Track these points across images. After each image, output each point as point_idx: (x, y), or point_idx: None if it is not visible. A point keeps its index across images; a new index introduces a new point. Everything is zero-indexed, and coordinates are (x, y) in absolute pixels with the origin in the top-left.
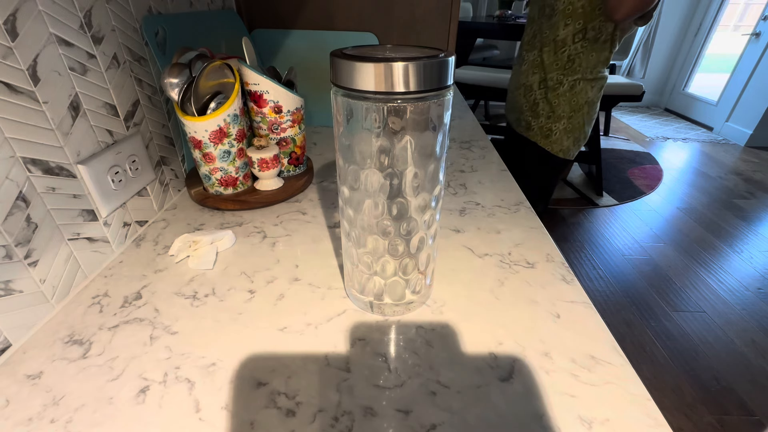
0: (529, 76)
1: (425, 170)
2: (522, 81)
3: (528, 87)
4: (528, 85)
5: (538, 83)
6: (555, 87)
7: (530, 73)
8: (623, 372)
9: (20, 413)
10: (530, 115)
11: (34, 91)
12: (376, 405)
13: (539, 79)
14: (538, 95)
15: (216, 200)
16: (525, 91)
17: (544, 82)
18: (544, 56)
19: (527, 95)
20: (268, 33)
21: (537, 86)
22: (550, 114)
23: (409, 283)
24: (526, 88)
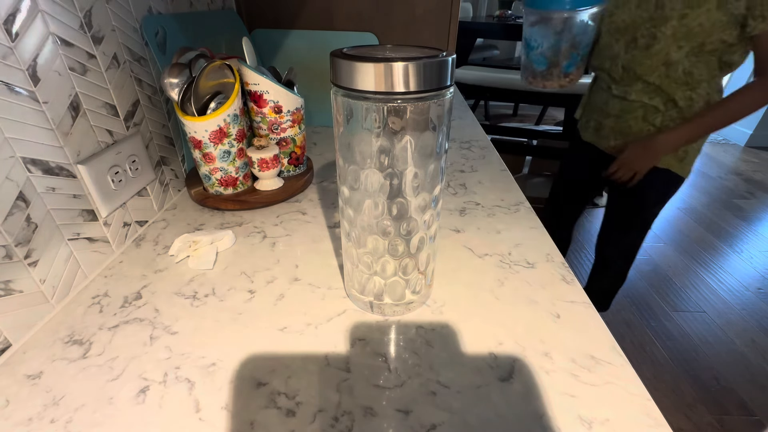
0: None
1: (425, 170)
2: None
3: (652, 108)
4: (652, 106)
5: (664, 103)
6: (689, 105)
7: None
8: (623, 372)
9: (20, 413)
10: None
11: (34, 91)
12: (376, 405)
13: (664, 99)
14: (668, 117)
15: (216, 200)
16: (646, 114)
17: (671, 102)
18: (656, 81)
19: (651, 118)
20: (268, 33)
21: (664, 107)
22: None
23: (409, 283)
24: (648, 110)
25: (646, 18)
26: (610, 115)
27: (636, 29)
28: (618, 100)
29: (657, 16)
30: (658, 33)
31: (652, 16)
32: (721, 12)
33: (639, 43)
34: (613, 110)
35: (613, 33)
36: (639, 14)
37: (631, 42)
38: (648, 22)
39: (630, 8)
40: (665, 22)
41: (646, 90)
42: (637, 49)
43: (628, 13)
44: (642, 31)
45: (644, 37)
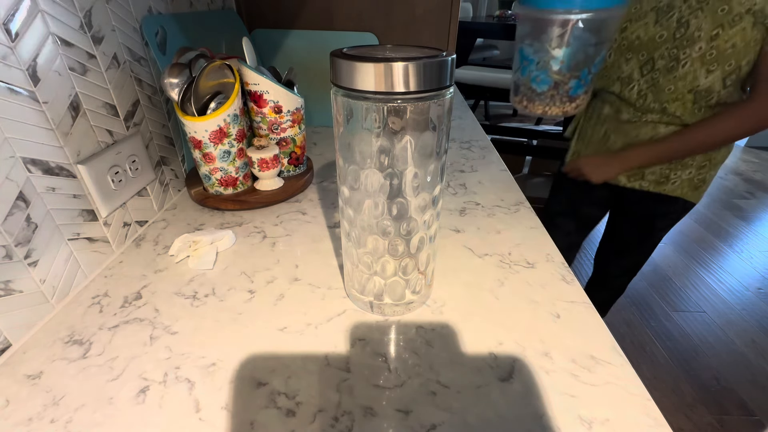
0: (660, 128)
1: (425, 170)
2: (650, 135)
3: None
4: (666, 135)
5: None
6: None
7: (663, 128)
8: (623, 372)
9: (20, 413)
10: (670, 168)
11: (34, 91)
12: (376, 405)
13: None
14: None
15: (216, 200)
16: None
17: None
18: (677, 111)
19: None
20: (268, 33)
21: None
22: (705, 163)
23: (409, 283)
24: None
25: (667, 38)
26: (615, 147)
27: (653, 49)
28: (628, 130)
29: (680, 36)
30: (682, 55)
31: (675, 36)
32: (757, 29)
33: (658, 65)
34: (618, 141)
35: (623, 51)
36: (657, 32)
37: (646, 63)
38: (669, 43)
39: (646, 24)
40: (692, 44)
41: (663, 121)
42: (655, 72)
43: (643, 30)
44: (661, 52)
45: (664, 58)
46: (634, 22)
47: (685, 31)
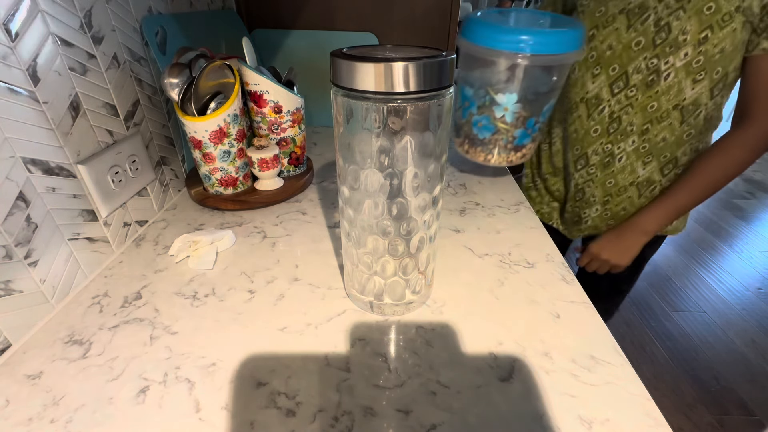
0: (638, 169)
1: (425, 170)
2: (627, 181)
3: (645, 182)
4: (643, 181)
5: (659, 170)
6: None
7: (640, 162)
8: (623, 372)
9: (20, 413)
10: None
11: (34, 91)
12: (376, 405)
13: (661, 163)
14: (666, 182)
15: (216, 200)
16: (641, 190)
17: (673, 162)
18: (663, 134)
19: (647, 191)
20: (268, 33)
21: (660, 174)
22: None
23: (409, 283)
24: (642, 186)
25: (645, 45)
26: (596, 200)
27: (628, 60)
28: (595, 167)
29: (662, 42)
30: (663, 65)
31: (654, 42)
32: (746, 30)
33: (633, 80)
34: (598, 193)
35: (590, 65)
36: (633, 38)
37: (618, 79)
38: (647, 51)
39: (617, 30)
40: (676, 50)
41: (641, 152)
42: (631, 89)
43: (615, 37)
44: (638, 64)
45: (641, 72)
46: (602, 28)
47: (666, 36)
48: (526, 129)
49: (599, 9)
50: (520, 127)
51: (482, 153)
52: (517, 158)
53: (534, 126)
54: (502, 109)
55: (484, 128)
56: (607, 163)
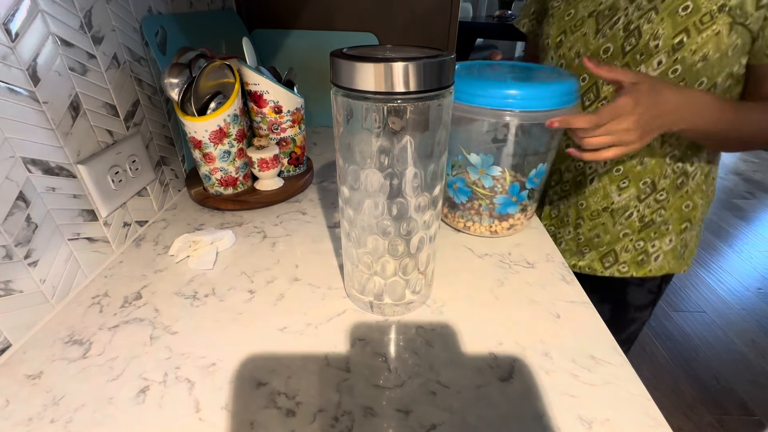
0: (612, 194)
1: (425, 170)
2: (600, 205)
3: (621, 210)
4: (618, 209)
5: (636, 197)
6: (678, 184)
7: (614, 190)
8: (623, 372)
9: (20, 413)
10: (645, 239)
11: (34, 91)
12: (376, 405)
13: (640, 190)
14: (645, 209)
15: (216, 200)
16: (616, 218)
17: (651, 187)
18: (638, 156)
19: (623, 218)
20: (268, 33)
21: (637, 201)
22: (685, 224)
23: (409, 283)
24: (617, 213)
25: (614, 52)
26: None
27: (592, 76)
28: (569, 185)
29: (631, 49)
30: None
31: (623, 49)
32: (737, 34)
33: (604, 91)
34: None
35: None
36: (601, 45)
37: (589, 90)
38: (617, 59)
39: (585, 35)
40: (647, 58)
41: (614, 175)
42: (602, 101)
43: (582, 43)
44: (600, 82)
45: (609, 87)
46: (570, 33)
47: (636, 42)
48: (509, 196)
49: (569, 12)
50: (502, 193)
51: (461, 220)
52: (502, 229)
53: (519, 193)
54: (477, 170)
55: (460, 191)
56: (579, 183)
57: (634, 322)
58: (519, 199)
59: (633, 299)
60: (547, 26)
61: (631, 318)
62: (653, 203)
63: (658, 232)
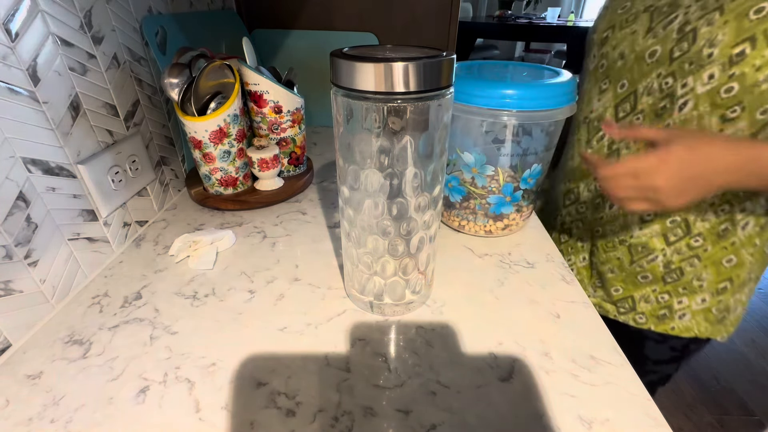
0: (632, 226)
1: (425, 170)
2: (617, 236)
3: (641, 247)
4: (638, 245)
5: (662, 235)
6: (718, 236)
7: (635, 222)
8: (623, 372)
9: (20, 413)
10: (670, 292)
11: (34, 91)
12: (376, 405)
13: (666, 227)
14: (673, 254)
15: (216, 200)
16: (634, 255)
17: (684, 227)
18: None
19: (643, 260)
20: (268, 33)
21: (664, 242)
22: (725, 284)
23: (409, 283)
24: (636, 250)
25: (661, 57)
26: (590, 233)
27: (640, 76)
28: (586, 206)
29: (680, 55)
30: (680, 88)
31: (671, 54)
32: None
33: (641, 103)
34: (589, 223)
35: (599, 76)
36: (648, 47)
37: (625, 100)
38: (662, 66)
39: (635, 34)
40: (697, 68)
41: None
42: (636, 115)
43: (629, 42)
44: (649, 83)
45: (653, 93)
46: (618, 29)
47: (688, 47)
48: (503, 196)
49: (624, 4)
50: (495, 193)
51: (456, 218)
52: (497, 229)
53: (513, 193)
54: (471, 170)
55: (455, 190)
56: (597, 206)
57: (654, 374)
58: (513, 200)
59: (651, 353)
60: (599, 19)
61: (650, 370)
62: (685, 249)
63: (688, 287)
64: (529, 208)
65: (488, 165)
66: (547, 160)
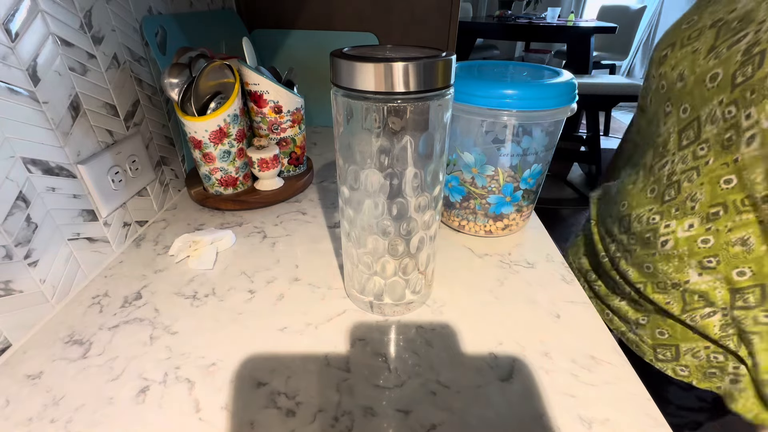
0: (689, 271)
1: (425, 170)
2: (671, 278)
3: (699, 296)
4: (694, 292)
5: (728, 290)
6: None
7: (694, 266)
8: (623, 372)
9: (20, 413)
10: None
11: (34, 91)
12: (376, 405)
13: (732, 281)
14: (738, 314)
15: (216, 200)
16: (688, 304)
17: (758, 283)
18: (740, 233)
19: (698, 313)
20: (268, 33)
21: (728, 298)
22: None
23: (409, 283)
24: (690, 297)
25: (723, 82)
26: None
27: (700, 101)
28: (636, 238)
29: (742, 82)
30: (743, 119)
31: (734, 79)
32: None
33: (705, 133)
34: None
35: (661, 98)
36: (710, 69)
37: (689, 126)
38: (723, 93)
39: (696, 53)
40: (760, 99)
41: (699, 248)
42: (701, 146)
43: (689, 62)
44: (711, 109)
45: (716, 122)
46: (679, 47)
47: (752, 73)
48: (503, 196)
49: (691, 18)
50: (495, 193)
51: (456, 218)
52: (497, 229)
53: (513, 193)
54: (470, 170)
55: (455, 190)
56: (647, 241)
57: (680, 418)
58: (513, 200)
59: (675, 399)
60: (663, 35)
61: (671, 413)
62: (757, 306)
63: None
64: (529, 208)
65: (488, 165)
66: (547, 160)
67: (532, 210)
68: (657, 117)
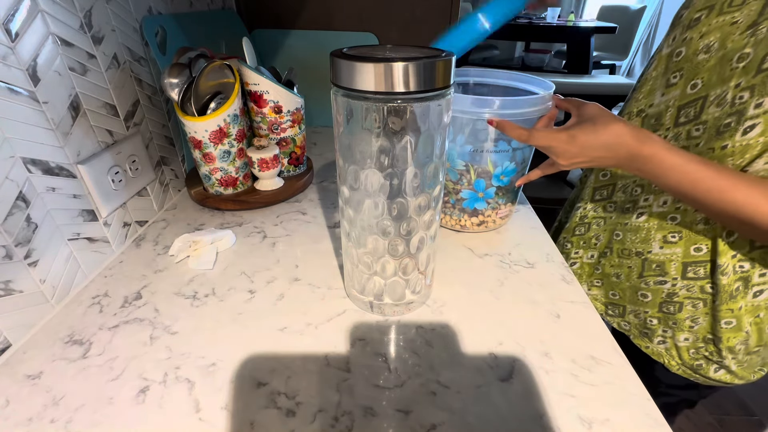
0: (653, 243)
1: (425, 170)
2: (636, 247)
3: (656, 267)
4: (653, 263)
5: (681, 264)
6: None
7: (657, 239)
8: (623, 372)
9: (20, 413)
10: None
11: (34, 91)
12: (376, 405)
13: (691, 256)
14: (684, 289)
15: (216, 200)
16: (645, 271)
17: (709, 262)
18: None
19: (653, 280)
20: (268, 33)
21: (681, 272)
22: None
23: (409, 283)
24: (649, 267)
25: (748, 66)
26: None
27: (717, 81)
28: (614, 207)
29: (754, 67)
30: (752, 107)
31: (761, 63)
32: None
33: (706, 114)
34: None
35: (670, 67)
36: (737, 49)
37: (692, 103)
38: (744, 76)
39: (735, 22)
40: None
41: (667, 224)
42: (696, 127)
43: (719, 35)
44: (723, 92)
45: (722, 105)
46: (717, 13)
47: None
48: (475, 191)
49: None
50: (467, 188)
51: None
52: (472, 224)
53: (486, 190)
54: (448, 159)
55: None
56: (626, 210)
57: (668, 396)
58: (486, 196)
59: (663, 378)
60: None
61: (663, 392)
62: (697, 291)
63: (678, 323)
64: (507, 207)
65: (459, 159)
66: (519, 159)
67: (511, 209)
68: (654, 85)
